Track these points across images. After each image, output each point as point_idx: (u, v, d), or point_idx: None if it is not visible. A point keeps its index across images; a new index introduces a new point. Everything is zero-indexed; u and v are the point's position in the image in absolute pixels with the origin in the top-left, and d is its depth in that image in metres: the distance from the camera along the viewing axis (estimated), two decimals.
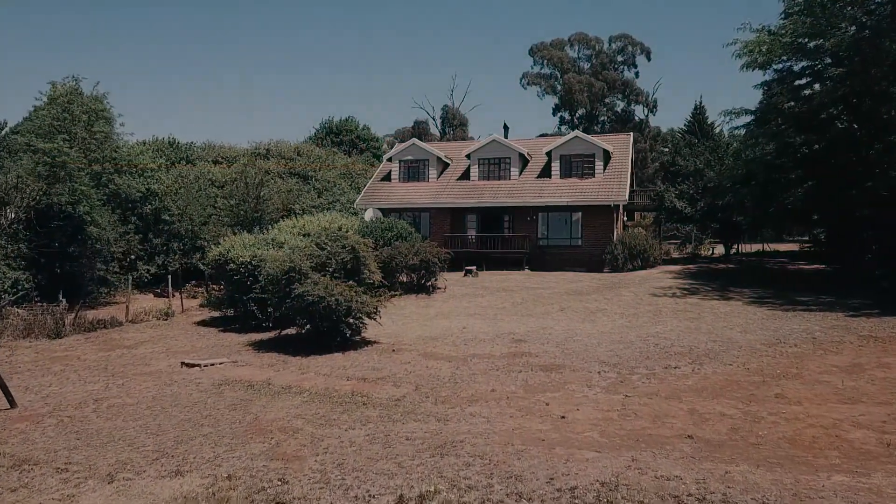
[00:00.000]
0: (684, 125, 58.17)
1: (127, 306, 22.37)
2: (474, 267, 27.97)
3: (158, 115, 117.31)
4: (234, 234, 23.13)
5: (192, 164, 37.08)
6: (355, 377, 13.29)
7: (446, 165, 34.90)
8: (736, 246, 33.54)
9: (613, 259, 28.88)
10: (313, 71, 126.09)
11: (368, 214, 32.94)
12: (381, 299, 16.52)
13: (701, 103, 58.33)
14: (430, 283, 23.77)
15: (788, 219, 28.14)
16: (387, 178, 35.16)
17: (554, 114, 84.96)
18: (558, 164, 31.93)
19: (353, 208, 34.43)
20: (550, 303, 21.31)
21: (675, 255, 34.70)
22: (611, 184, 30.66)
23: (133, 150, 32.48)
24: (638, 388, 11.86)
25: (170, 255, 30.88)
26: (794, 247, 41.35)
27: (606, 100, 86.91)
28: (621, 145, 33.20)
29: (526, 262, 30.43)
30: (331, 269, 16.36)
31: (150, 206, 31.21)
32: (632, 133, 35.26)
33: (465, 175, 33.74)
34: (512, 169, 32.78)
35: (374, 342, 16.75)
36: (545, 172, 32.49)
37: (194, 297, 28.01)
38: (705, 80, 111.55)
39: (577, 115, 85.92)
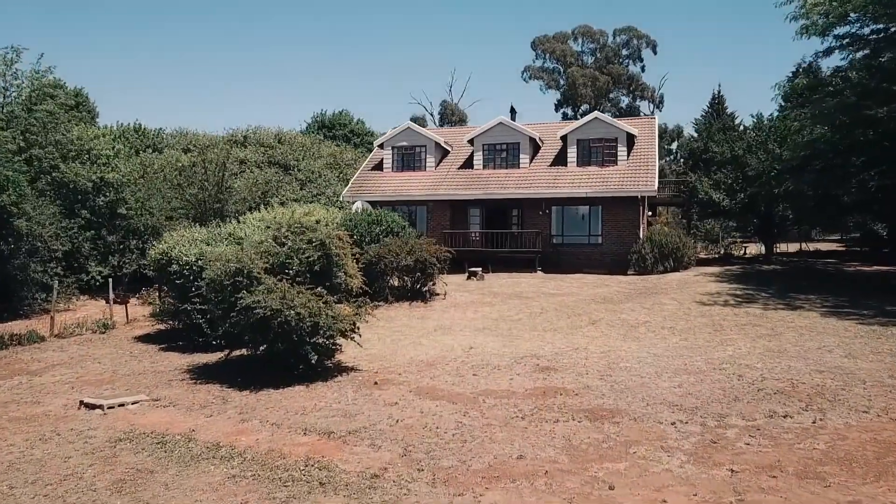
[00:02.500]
0: (701, 115, 54.19)
1: (52, 317, 18.17)
2: (479, 269, 23.76)
3: (151, 107, 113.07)
4: (190, 228, 18.93)
5: (160, 153, 32.86)
6: (316, 429, 9.12)
7: (446, 153, 30.72)
8: (777, 244, 29.35)
9: (641, 259, 24.72)
10: (305, 64, 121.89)
11: (357, 208, 28.72)
12: (362, 312, 12.33)
13: (720, 93, 54.52)
14: (426, 289, 19.59)
15: (850, 211, 23.95)
16: (378, 167, 30.95)
17: (556, 109, 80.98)
18: (575, 150, 27.76)
19: (340, 201, 30.23)
20: (576, 313, 17.13)
21: (703, 254, 30.54)
22: (636, 172, 26.52)
23: (85, 134, 28.21)
24: (743, 454, 7.71)
25: (126, 254, 26.64)
26: (830, 245, 37.22)
27: (611, 95, 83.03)
28: (646, 129, 29.04)
29: (538, 263, 26.28)
30: (292, 272, 12.17)
31: (103, 199, 26.98)
32: (656, 117, 31.16)
33: (468, 163, 29.56)
34: (521, 156, 28.60)
35: (352, 368, 12.58)
36: (560, 160, 28.32)
37: (151, 304, 23.82)
38: (714, 75, 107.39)
39: (580, 110, 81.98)
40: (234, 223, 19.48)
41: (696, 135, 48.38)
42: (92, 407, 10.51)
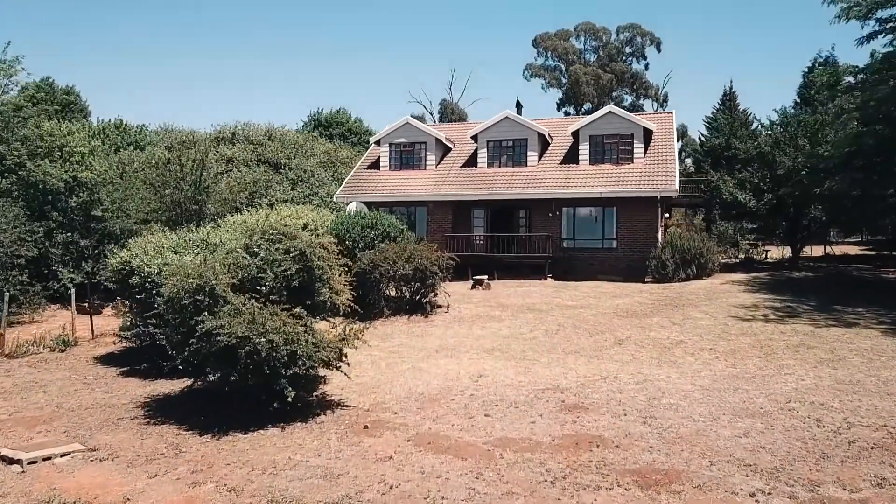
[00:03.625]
0: (711, 113, 52.08)
1: (2, 334, 16.02)
2: (485, 276, 21.62)
3: (147, 106, 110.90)
4: (161, 233, 16.81)
5: (141, 150, 30.73)
6: (286, 500, 7.02)
7: (447, 150, 28.60)
8: (803, 249, 27.17)
9: (661, 266, 22.60)
10: (302, 62, 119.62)
11: (351, 209, 26.61)
12: (350, 337, 10.22)
13: (731, 89, 52.37)
14: (427, 300, 17.47)
15: (891, 213, 21.80)
16: (374, 165, 28.82)
17: (558, 108, 78.85)
18: (587, 147, 25.63)
19: (334, 202, 28.10)
20: (599, 330, 15.02)
21: (722, 259, 28.41)
22: (654, 170, 24.41)
23: (57, 130, 26.12)
24: None
25: (101, 259, 24.47)
26: (850, 248, 35.08)
27: (614, 93, 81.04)
28: (663, 124, 26.93)
29: (548, 270, 24.19)
30: (266, 288, 10.06)
31: (76, 199, 24.89)
32: (673, 112, 29.07)
33: (472, 161, 27.44)
34: (529, 153, 26.49)
35: (338, 404, 10.49)
36: (571, 157, 26.20)
37: (124, 316, 21.67)
38: (718, 73, 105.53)
39: (582, 109, 80.00)
40: (211, 227, 17.40)
41: (706, 133, 46.29)
42: (10, 461, 8.40)
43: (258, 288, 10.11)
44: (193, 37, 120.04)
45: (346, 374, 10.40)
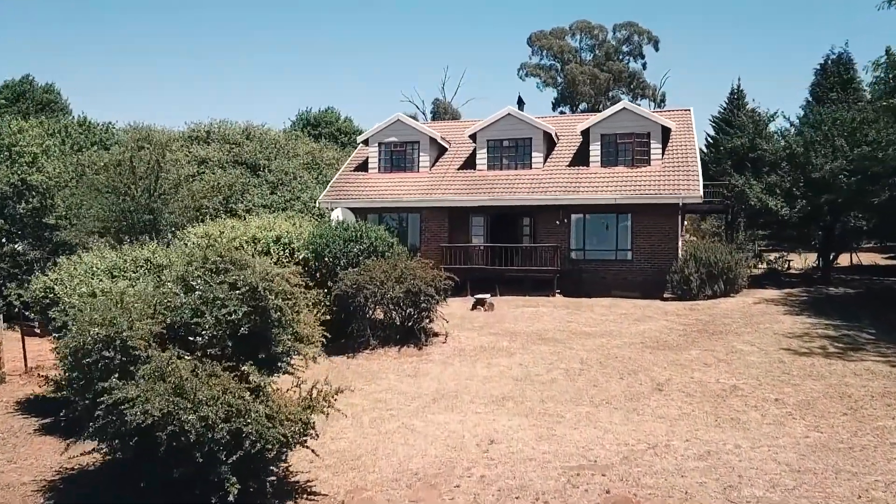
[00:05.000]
0: (718, 113, 49.66)
1: None
2: (487, 295, 18.92)
3: (131, 105, 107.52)
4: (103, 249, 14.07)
5: (107, 150, 27.88)
6: None
7: (443, 150, 25.94)
8: (835, 259, 24.63)
9: (683, 281, 20.03)
10: (291, 61, 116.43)
11: (336, 216, 23.93)
12: (317, 404, 7.56)
13: (739, 87, 49.89)
14: (421, 327, 14.78)
15: None
16: (362, 167, 26.11)
17: (554, 108, 76.46)
18: (599, 147, 23.02)
19: (318, 208, 25.39)
20: (630, 369, 12.39)
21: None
22: (674, 174, 21.83)
23: (7, 128, 23.35)
24: None
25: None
26: (873, 256, 32.66)
27: (611, 93, 78.82)
28: (682, 122, 24.36)
29: (556, 285, 21.60)
30: (204, 338, 7.37)
31: (25, 205, 22.14)
32: (691, 108, 26.52)
33: (470, 163, 24.79)
34: (534, 154, 23.84)
35: (304, 490, 7.85)
36: (580, 159, 23.59)
37: None
38: (719, 72, 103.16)
39: (578, 109, 77.74)
40: (167, 241, 14.72)
41: (712, 133, 43.85)
42: None
43: (193, 338, 7.42)
44: (185, 36, 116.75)
45: (313, 451, 7.76)
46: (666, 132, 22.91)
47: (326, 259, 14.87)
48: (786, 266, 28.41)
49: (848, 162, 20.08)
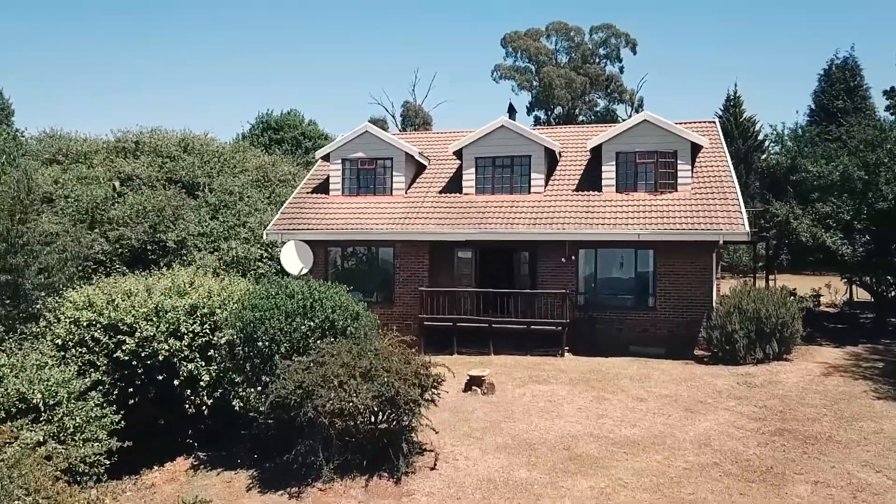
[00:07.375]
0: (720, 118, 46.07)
1: None
2: (485, 372, 14.22)
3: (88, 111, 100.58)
4: None
5: (10, 164, 22.77)
6: None
7: (422, 168, 21.46)
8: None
9: (725, 339, 15.88)
10: (248, 60, 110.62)
11: (288, 253, 19.21)
12: None
13: (736, 94, 46.54)
14: (401, 442, 10.19)
15: None
16: (322, 188, 21.47)
17: (528, 113, 72.67)
18: (614, 169, 18.78)
19: (266, 240, 20.66)
20: None
21: None
22: (709, 202, 17.71)
23: None
24: None
25: None
26: None
27: (587, 97, 75.47)
28: (710, 137, 20.22)
29: (565, 339, 17.30)
30: None
31: None
32: (716, 120, 22.46)
33: (454, 184, 20.33)
34: (534, 175, 19.50)
35: None
36: (590, 182, 19.31)
37: None
38: (700, 77, 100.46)
39: (554, 113, 74.12)
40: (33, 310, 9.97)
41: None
42: None
43: None
44: (141, 40, 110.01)
45: None
46: (696, 150, 18.75)
47: (260, 344, 10.22)
48: (815, 303, 24.52)
49: None
